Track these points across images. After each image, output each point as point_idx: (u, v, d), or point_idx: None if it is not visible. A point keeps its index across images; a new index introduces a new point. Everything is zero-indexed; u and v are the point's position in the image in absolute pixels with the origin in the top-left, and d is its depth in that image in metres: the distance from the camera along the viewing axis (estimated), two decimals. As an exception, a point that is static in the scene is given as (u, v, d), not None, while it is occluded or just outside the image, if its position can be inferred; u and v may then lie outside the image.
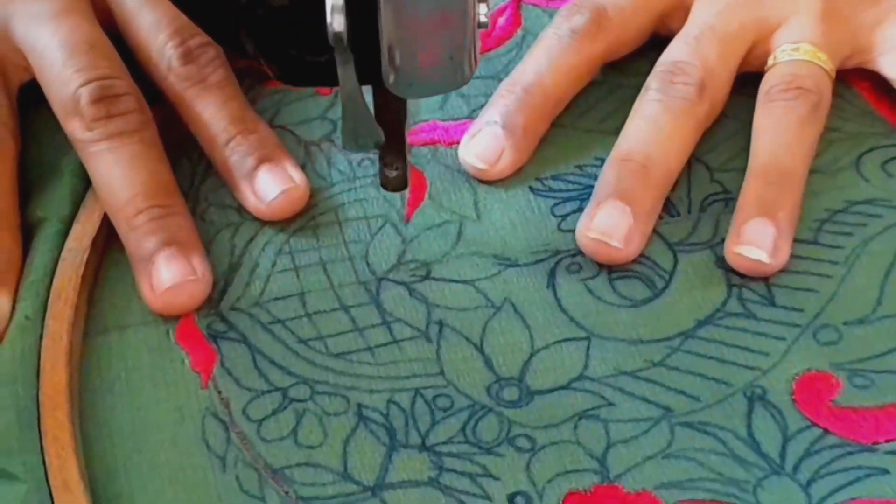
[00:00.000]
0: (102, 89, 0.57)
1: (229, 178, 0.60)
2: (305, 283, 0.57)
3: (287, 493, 0.51)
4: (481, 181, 0.61)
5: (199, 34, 0.60)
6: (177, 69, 0.60)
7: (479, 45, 0.48)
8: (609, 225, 0.56)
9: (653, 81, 0.61)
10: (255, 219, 0.60)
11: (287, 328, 0.56)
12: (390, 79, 0.47)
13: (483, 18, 0.47)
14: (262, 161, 0.59)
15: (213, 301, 0.57)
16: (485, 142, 0.60)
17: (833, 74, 0.62)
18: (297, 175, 0.59)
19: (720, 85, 0.62)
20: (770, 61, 0.63)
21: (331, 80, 0.49)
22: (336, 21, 0.45)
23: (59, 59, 0.58)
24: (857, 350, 0.54)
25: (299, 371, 0.54)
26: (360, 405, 0.53)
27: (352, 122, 0.50)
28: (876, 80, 0.64)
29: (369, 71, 0.48)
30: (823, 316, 0.56)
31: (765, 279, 0.57)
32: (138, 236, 0.56)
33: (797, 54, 0.62)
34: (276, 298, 0.57)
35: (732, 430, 0.52)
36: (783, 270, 0.57)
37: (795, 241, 0.58)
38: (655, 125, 0.60)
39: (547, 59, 0.62)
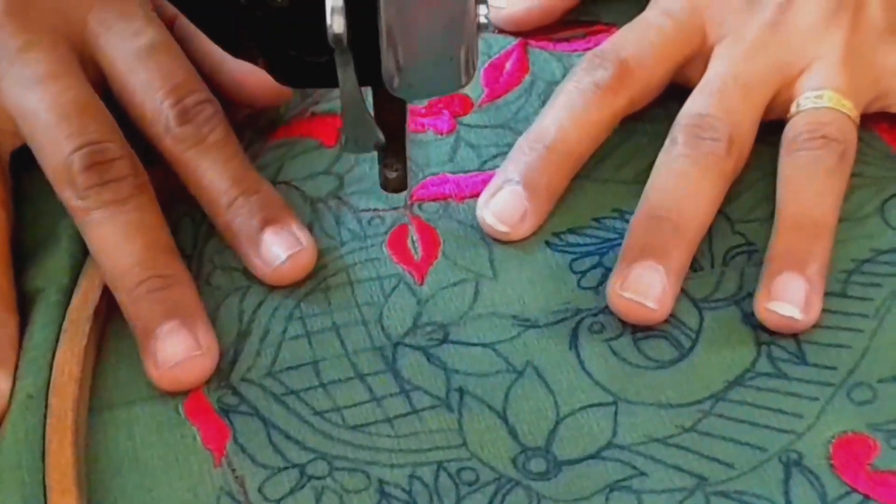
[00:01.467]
0: (95, 154, 0.55)
1: (233, 241, 0.57)
2: (319, 350, 0.55)
3: (309, 578, 0.48)
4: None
5: (197, 90, 0.58)
6: (174, 130, 0.57)
7: (478, 46, 0.48)
8: (643, 285, 0.55)
9: (679, 135, 0.59)
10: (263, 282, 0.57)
11: (301, 399, 0.54)
12: (390, 80, 0.47)
13: (483, 20, 0.47)
14: (266, 223, 0.57)
15: (223, 372, 0.55)
16: (506, 202, 0.59)
17: (857, 121, 0.61)
18: (303, 237, 0.57)
19: (746, 138, 0.60)
20: (793, 109, 0.61)
21: (330, 81, 0.48)
22: (336, 22, 0.45)
23: (49, 123, 0.56)
24: (894, 409, 0.52)
25: (316, 445, 0.52)
26: (381, 481, 0.51)
27: (352, 124, 0.50)
28: (893, 121, 0.62)
29: (369, 72, 0.47)
30: (857, 373, 0.54)
31: (794, 335, 0.55)
32: (139, 309, 0.54)
33: (821, 101, 0.60)
34: (289, 368, 0.55)
35: (770, 499, 0.50)
36: (814, 325, 0.55)
37: (827, 296, 0.56)
38: (685, 181, 0.58)
39: (569, 115, 0.60)
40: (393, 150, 0.53)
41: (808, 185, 0.58)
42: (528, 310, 0.56)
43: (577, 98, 0.60)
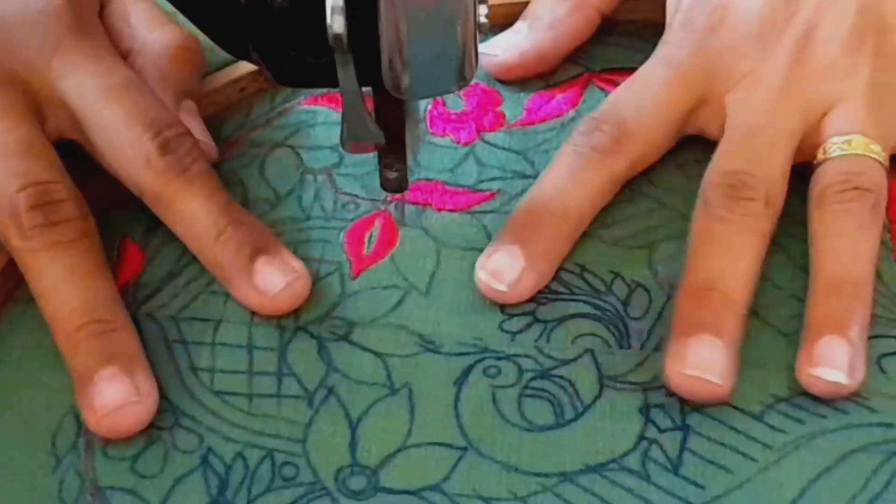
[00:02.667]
0: (41, 195, 0.54)
1: (222, 273, 0.56)
2: (228, 311, 0.56)
3: (96, 513, 0.50)
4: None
5: (175, 124, 0.57)
6: (156, 162, 0.56)
7: (478, 46, 0.48)
8: (703, 361, 0.53)
9: (713, 197, 0.57)
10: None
11: (187, 351, 0.55)
12: (390, 80, 0.47)
13: (483, 19, 0.46)
14: (257, 253, 0.55)
15: (138, 302, 0.56)
16: (503, 262, 0.56)
17: (887, 164, 0.57)
18: (296, 264, 0.56)
19: (780, 190, 0.57)
20: (820, 155, 0.58)
21: (331, 82, 0.48)
22: (336, 22, 0.45)
23: None
24: (737, 550, 0.49)
25: (174, 398, 0.54)
26: (209, 449, 0.52)
27: (352, 124, 0.49)
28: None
29: (369, 72, 0.47)
30: (722, 501, 0.50)
31: (683, 442, 0.51)
32: (78, 354, 0.53)
33: (849, 148, 0.57)
34: (193, 318, 0.56)
35: None
36: (710, 439, 0.51)
37: (741, 410, 0.52)
38: (727, 247, 0.55)
39: (568, 178, 0.58)
40: (393, 151, 0.52)
41: (843, 242, 0.55)
42: (437, 334, 0.55)
43: (575, 161, 0.58)
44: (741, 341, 0.53)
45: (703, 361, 0.52)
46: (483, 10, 0.46)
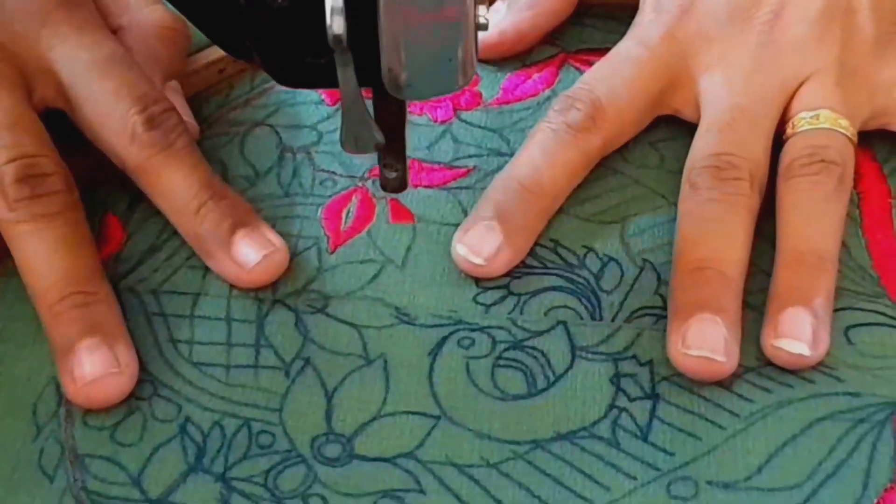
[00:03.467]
0: (27, 168, 0.55)
1: (201, 246, 0.57)
2: (207, 285, 0.57)
3: (76, 481, 0.51)
4: (475, 278, 0.58)
5: (161, 99, 0.58)
6: (141, 136, 0.57)
7: (478, 47, 0.48)
8: (706, 339, 0.53)
9: (699, 179, 0.57)
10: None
11: (166, 323, 0.56)
12: (390, 80, 0.47)
13: (482, 20, 0.47)
14: (237, 227, 0.56)
15: (120, 275, 0.57)
16: (480, 237, 0.57)
17: (855, 140, 0.58)
18: (275, 238, 0.57)
19: (764, 169, 0.58)
20: (788, 130, 0.59)
21: (330, 82, 0.48)
22: (336, 23, 0.45)
23: None
24: (706, 514, 0.49)
25: (153, 369, 0.55)
26: (187, 418, 0.53)
27: (351, 124, 0.49)
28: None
29: (369, 73, 0.47)
30: (690, 467, 0.51)
31: (652, 410, 0.52)
32: (60, 324, 0.53)
33: (817, 122, 0.58)
34: (172, 292, 0.57)
35: (526, 556, 0.48)
36: (679, 407, 0.52)
37: (708, 384, 0.53)
38: (718, 226, 0.56)
39: (542, 155, 0.59)
40: (392, 151, 0.53)
41: (808, 214, 0.56)
42: (413, 305, 0.56)
43: (549, 138, 0.59)
44: (740, 318, 0.54)
45: (706, 341, 0.53)
46: (482, 10, 0.47)
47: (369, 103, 0.50)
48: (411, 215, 0.60)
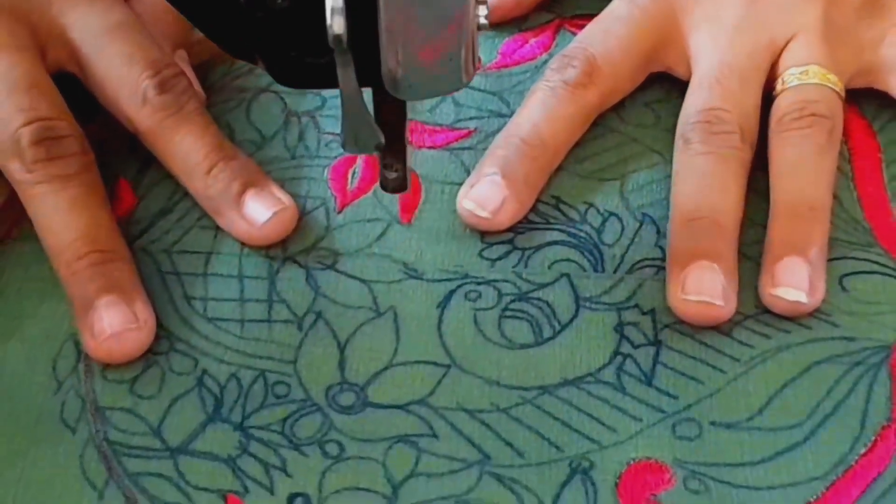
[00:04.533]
0: (44, 130, 0.56)
1: (212, 205, 0.58)
2: (219, 244, 0.59)
3: (98, 432, 0.52)
4: (483, 232, 0.59)
5: (172, 64, 0.59)
6: (153, 99, 0.58)
7: (478, 46, 0.48)
8: (704, 285, 0.55)
9: (692, 134, 0.59)
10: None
11: (180, 281, 0.57)
12: (390, 81, 0.47)
13: (482, 20, 0.47)
14: (247, 186, 0.58)
15: (132, 237, 0.58)
16: (485, 191, 0.59)
17: (843, 94, 0.60)
18: (284, 197, 0.58)
19: (754, 123, 0.60)
20: (778, 86, 0.61)
21: (331, 82, 0.48)
22: (336, 23, 0.45)
23: None
24: (709, 453, 0.51)
25: (169, 325, 0.56)
26: (204, 370, 0.54)
27: (352, 124, 0.50)
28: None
29: (369, 73, 0.47)
30: (694, 409, 0.53)
31: (656, 356, 0.54)
32: (79, 282, 0.55)
33: (806, 78, 0.60)
34: (185, 251, 0.58)
35: (538, 496, 0.50)
36: (682, 353, 0.54)
37: (709, 329, 0.55)
38: (712, 179, 0.58)
39: (542, 112, 0.61)
40: (393, 151, 0.53)
41: (801, 166, 0.58)
42: (420, 261, 0.58)
43: (548, 95, 0.61)
44: (736, 266, 0.56)
45: (704, 287, 0.55)
46: (482, 10, 0.47)
47: (369, 103, 0.50)
48: (418, 181, 0.61)
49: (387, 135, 0.50)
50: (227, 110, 0.64)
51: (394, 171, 0.53)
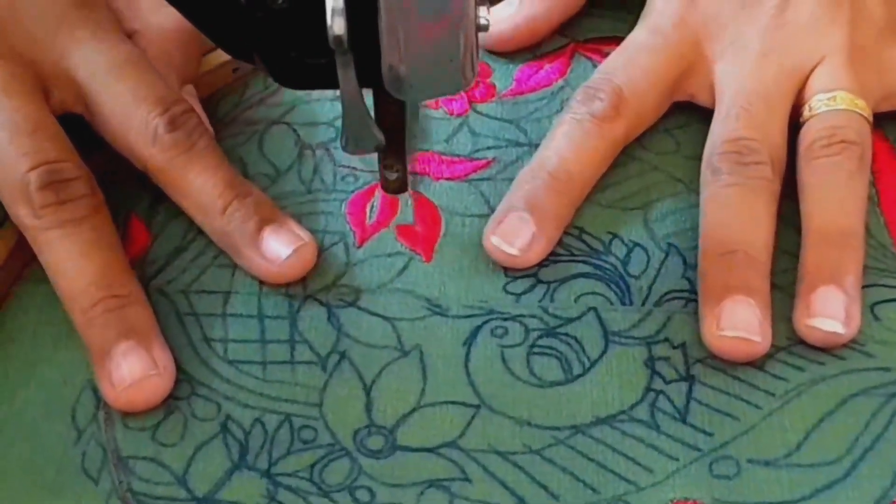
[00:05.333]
0: (52, 174, 0.55)
1: (230, 244, 0.57)
2: (237, 283, 0.57)
3: (121, 483, 0.51)
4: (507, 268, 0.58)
5: (180, 101, 0.58)
6: (163, 137, 0.57)
7: (479, 48, 0.48)
8: (740, 320, 0.54)
9: (721, 164, 0.58)
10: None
11: (199, 323, 0.56)
12: (390, 81, 0.47)
13: (483, 21, 0.47)
14: (264, 223, 0.56)
15: (147, 278, 0.57)
16: (514, 227, 0.57)
17: (871, 119, 0.59)
18: (302, 233, 0.57)
19: (783, 152, 0.59)
20: (806, 113, 0.60)
21: (331, 83, 0.48)
22: (336, 23, 0.45)
23: (3, 141, 0.55)
24: (748, 492, 0.50)
25: (189, 369, 0.54)
26: (228, 416, 0.53)
27: (352, 125, 0.50)
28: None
29: (369, 73, 0.47)
30: (731, 446, 0.52)
31: (689, 392, 0.53)
32: (95, 329, 0.53)
33: (834, 104, 0.59)
34: (203, 291, 0.57)
35: (576, 540, 0.49)
36: (715, 388, 0.53)
37: (741, 363, 0.54)
38: (743, 210, 0.57)
39: (569, 145, 0.59)
40: (393, 152, 0.53)
41: (832, 194, 0.57)
42: (443, 297, 0.57)
43: (575, 129, 0.60)
44: (770, 300, 0.55)
45: (740, 322, 0.54)
46: (483, 11, 0.47)
47: (369, 103, 0.50)
48: (438, 214, 0.60)
49: (387, 135, 0.50)
50: (239, 144, 0.63)
51: (394, 172, 0.53)
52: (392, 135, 0.51)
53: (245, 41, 0.49)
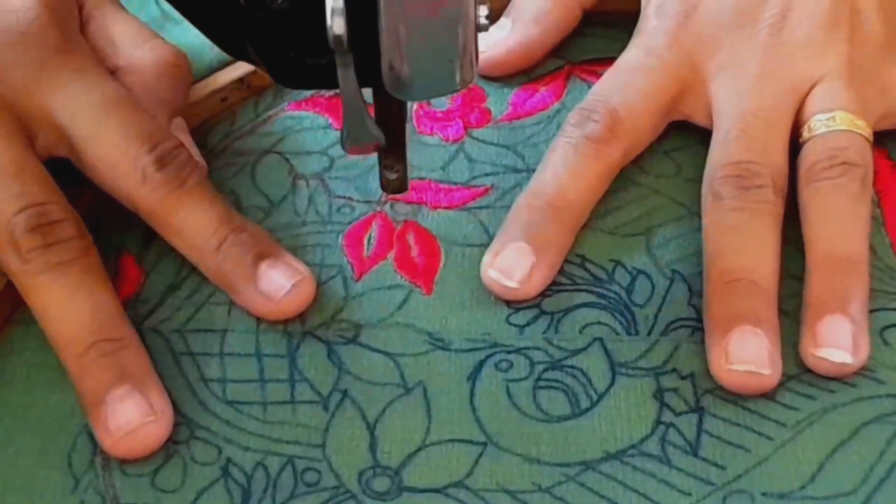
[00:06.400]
0: (38, 216, 0.53)
1: (226, 282, 0.56)
2: (233, 321, 0.56)
3: (121, 531, 0.49)
4: (507, 301, 0.57)
5: (168, 138, 0.56)
6: (153, 176, 0.55)
7: (478, 47, 0.47)
8: (748, 353, 0.53)
9: (722, 189, 0.57)
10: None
11: (195, 363, 0.55)
12: (390, 81, 0.47)
13: (483, 21, 0.46)
14: (260, 258, 0.55)
15: (141, 316, 0.56)
16: (512, 259, 0.56)
17: (871, 139, 0.58)
18: (300, 267, 0.56)
19: (784, 173, 0.58)
20: (805, 133, 0.58)
21: (331, 83, 0.48)
22: (336, 23, 0.45)
23: None
24: (764, 527, 0.49)
25: (187, 411, 0.53)
26: (229, 459, 0.52)
27: (352, 125, 0.49)
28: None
29: (369, 73, 0.47)
30: (744, 479, 0.51)
31: (699, 424, 0.52)
32: (88, 375, 0.52)
33: (834, 124, 0.58)
34: (199, 330, 0.56)
35: (588, 580, 0.48)
36: (726, 420, 0.52)
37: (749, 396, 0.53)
38: (746, 236, 0.56)
39: (565, 170, 0.58)
40: (393, 152, 0.52)
41: (835, 218, 0.56)
42: (445, 330, 0.56)
43: (570, 152, 0.58)
44: (778, 326, 0.54)
45: (749, 354, 0.53)
46: (483, 11, 0.46)
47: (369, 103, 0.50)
48: (437, 244, 0.59)
49: (387, 135, 0.50)
50: (231, 175, 0.62)
51: (394, 172, 0.52)
52: (392, 135, 0.51)
53: (244, 41, 0.49)
